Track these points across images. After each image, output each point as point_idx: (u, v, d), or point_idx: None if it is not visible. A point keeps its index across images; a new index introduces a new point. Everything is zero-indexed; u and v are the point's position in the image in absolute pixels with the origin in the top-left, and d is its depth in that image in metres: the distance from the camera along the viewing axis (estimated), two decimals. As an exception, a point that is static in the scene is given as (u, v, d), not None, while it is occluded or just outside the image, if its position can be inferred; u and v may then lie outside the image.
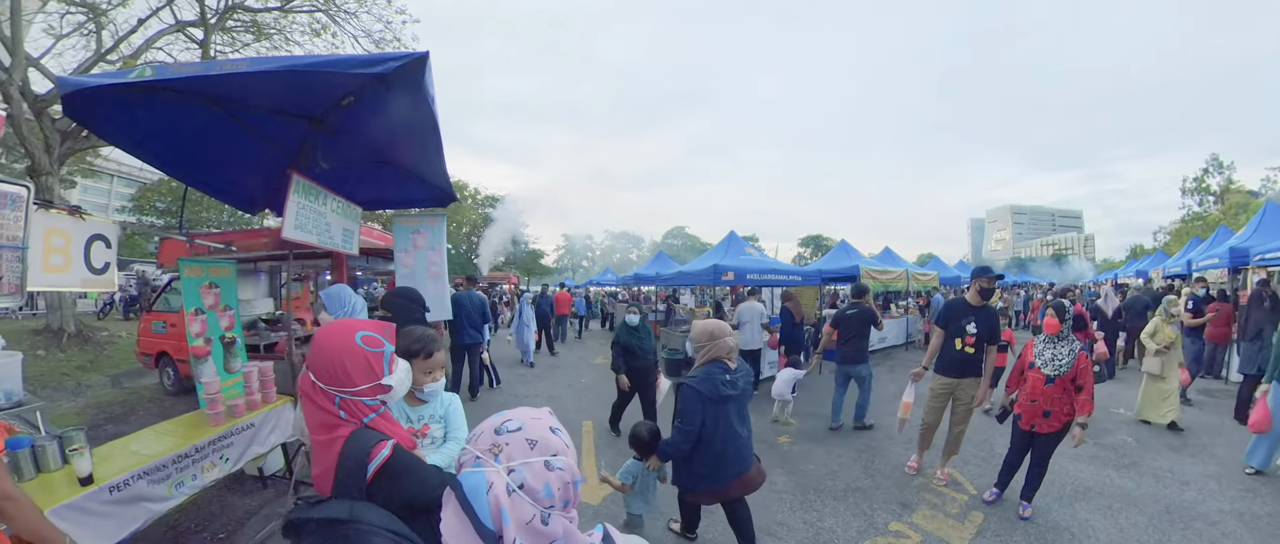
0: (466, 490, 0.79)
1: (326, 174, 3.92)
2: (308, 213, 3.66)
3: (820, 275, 8.35)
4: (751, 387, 2.94)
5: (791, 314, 6.83)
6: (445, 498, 0.82)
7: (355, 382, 1.25)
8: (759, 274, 7.13)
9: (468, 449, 0.87)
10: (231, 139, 3.32)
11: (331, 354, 1.25)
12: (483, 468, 0.81)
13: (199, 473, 3.33)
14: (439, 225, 4.95)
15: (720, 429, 2.63)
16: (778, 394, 5.80)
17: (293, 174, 3.46)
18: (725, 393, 2.63)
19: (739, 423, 2.72)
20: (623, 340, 5.24)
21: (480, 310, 7.30)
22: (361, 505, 1.08)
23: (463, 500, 0.78)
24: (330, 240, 3.96)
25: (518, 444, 0.84)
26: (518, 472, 0.81)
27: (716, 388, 2.62)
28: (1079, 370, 3.47)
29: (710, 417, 2.62)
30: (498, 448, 0.84)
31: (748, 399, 2.86)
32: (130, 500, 2.84)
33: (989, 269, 4.19)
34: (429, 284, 4.82)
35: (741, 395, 2.74)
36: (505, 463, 0.82)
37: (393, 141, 3.64)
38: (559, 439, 0.88)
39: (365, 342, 1.28)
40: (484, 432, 0.88)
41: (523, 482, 0.80)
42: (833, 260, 10.61)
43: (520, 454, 0.83)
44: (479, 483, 0.79)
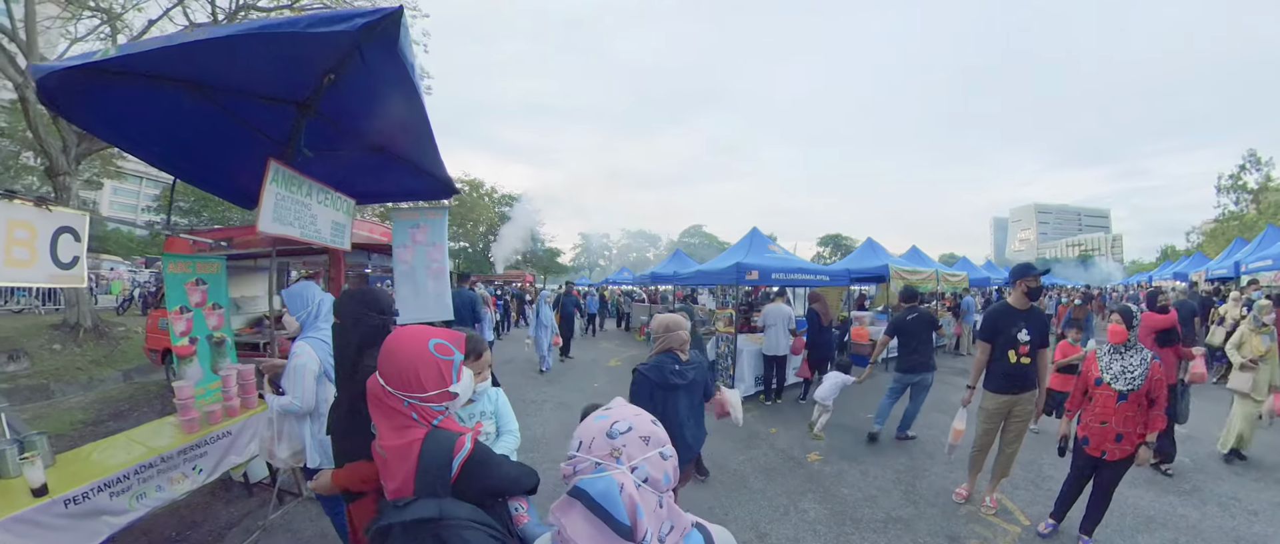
0: (597, 495, 0.82)
1: (316, 164, 3.69)
2: (289, 204, 3.40)
3: (848, 275, 7.83)
4: (705, 380, 3.07)
5: (819, 316, 6.41)
6: (565, 506, 0.84)
7: (426, 388, 1.28)
8: (785, 273, 6.70)
9: (582, 456, 0.89)
10: (219, 129, 3.19)
11: (403, 360, 1.28)
12: (605, 471, 0.85)
13: (166, 485, 3.13)
14: (440, 220, 4.65)
15: (667, 416, 2.70)
16: (821, 398, 5.34)
17: (269, 161, 3.20)
18: (673, 382, 2.79)
19: (688, 413, 2.87)
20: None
21: (469, 309, 7.06)
22: (450, 502, 1.14)
23: (593, 505, 0.81)
24: (316, 234, 3.70)
25: (634, 443, 0.89)
26: (641, 469, 0.87)
27: (665, 376, 2.78)
28: (1153, 383, 3.01)
29: (658, 403, 2.74)
30: (618, 451, 0.88)
31: (698, 391, 3.00)
32: (88, 514, 2.66)
33: (1032, 266, 3.67)
34: (429, 282, 4.52)
35: (690, 386, 2.89)
36: (627, 463, 0.86)
37: (380, 122, 3.38)
38: (662, 430, 0.95)
39: (438, 350, 1.32)
40: (595, 437, 0.90)
41: (647, 476, 0.87)
42: (860, 259, 10.08)
43: (639, 452, 0.88)
44: (609, 487, 0.82)
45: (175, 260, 4.51)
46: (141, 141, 3.40)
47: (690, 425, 2.90)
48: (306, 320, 2.85)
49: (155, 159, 3.64)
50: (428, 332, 1.37)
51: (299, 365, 2.53)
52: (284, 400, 2.62)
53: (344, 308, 2.05)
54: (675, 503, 0.93)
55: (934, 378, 5.38)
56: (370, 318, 2.00)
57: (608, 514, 0.80)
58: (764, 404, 6.72)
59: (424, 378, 1.28)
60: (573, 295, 11.71)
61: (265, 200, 3.19)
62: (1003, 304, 3.77)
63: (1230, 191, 31.36)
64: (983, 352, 3.75)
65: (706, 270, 7.87)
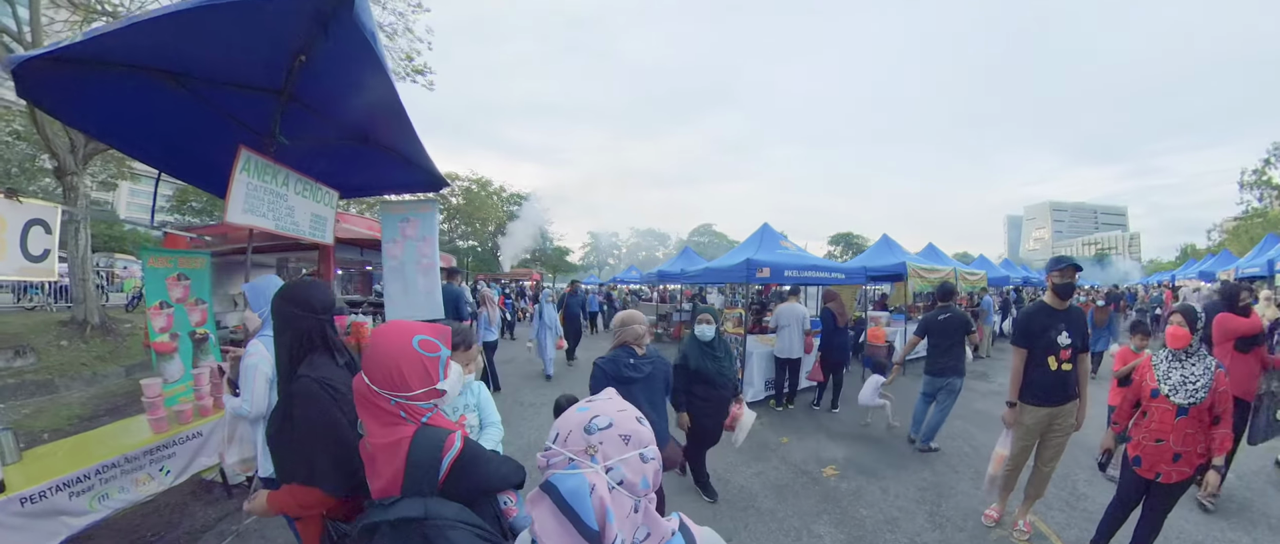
0: (566, 493, 0.78)
1: (299, 156, 3.51)
2: (262, 194, 3.27)
3: (865, 273, 7.44)
4: (663, 375, 3.14)
5: (834, 317, 6.04)
6: (536, 499, 0.81)
7: (411, 387, 1.24)
8: (798, 271, 6.33)
9: (557, 450, 0.85)
10: (200, 121, 3.14)
11: (387, 358, 1.24)
12: (578, 469, 0.81)
13: (130, 486, 3.03)
14: (430, 214, 4.43)
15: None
16: (867, 402, 5.48)
17: (240, 149, 3.05)
18: (627, 375, 2.91)
19: (647, 408, 2.84)
20: (693, 364, 3.70)
21: (453, 306, 6.72)
22: (436, 501, 1.13)
23: (561, 503, 0.78)
24: (293, 226, 3.52)
25: (612, 441, 0.84)
26: (617, 470, 0.82)
27: (619, 369, 2.91)
28: (1218, 396, 2.66)
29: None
30: (593, 448, 0.83)
31: (657, 385, 3.07)
32: (46, 514, 2.58)
33: (1068, 260, 3.29)
34: (418, 278, 4.32)
35: (646, 380, 2.97)
36: (602, 461, 0.82)
37: (355, 104, 3.20)
38: (646, 429, 0.89)
39: (422, 346, 1.28)
40: (572, 430, 0.86)
41: (622, 478, 0.81)
42: (876, 256, 9.71)
43: (616, 451, 0.83)
44: (580, 485, 0.78)
45: (155, 255, 4.35)
46: (125, 135, 3.40)
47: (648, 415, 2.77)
48: (267, 317, 2.63)
49: (140, 153, 3.67)
50: (412, 328, 1.32)
51: (250, 365, 2.32)
52: (234, 403, 2.44)
53: (274, 307, 1.79)
54: (654, 508, 0.87)
55: (963, 383, 5.08)
56: (301, 319, 1.74)
57: (575, 515, 0.76)
58: (775, 410, 6.39)
59: (409, 376, 1.24)
60: (578, 294, 11.11)
61: (235, 190, 3.09)
62: (1039, 304, 3.39)
63: (1254, 187, 30.25)
64: (1019, 359, 3.34)
65: (715, 268, 7.49)
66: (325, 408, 1.59)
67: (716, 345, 3.79)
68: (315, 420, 1.58)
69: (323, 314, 1.79)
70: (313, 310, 1.76)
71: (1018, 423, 3.38)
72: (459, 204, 32.20)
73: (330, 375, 1.66)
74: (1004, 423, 3.43)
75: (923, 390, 5.19)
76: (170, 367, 4.18)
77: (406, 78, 12.35)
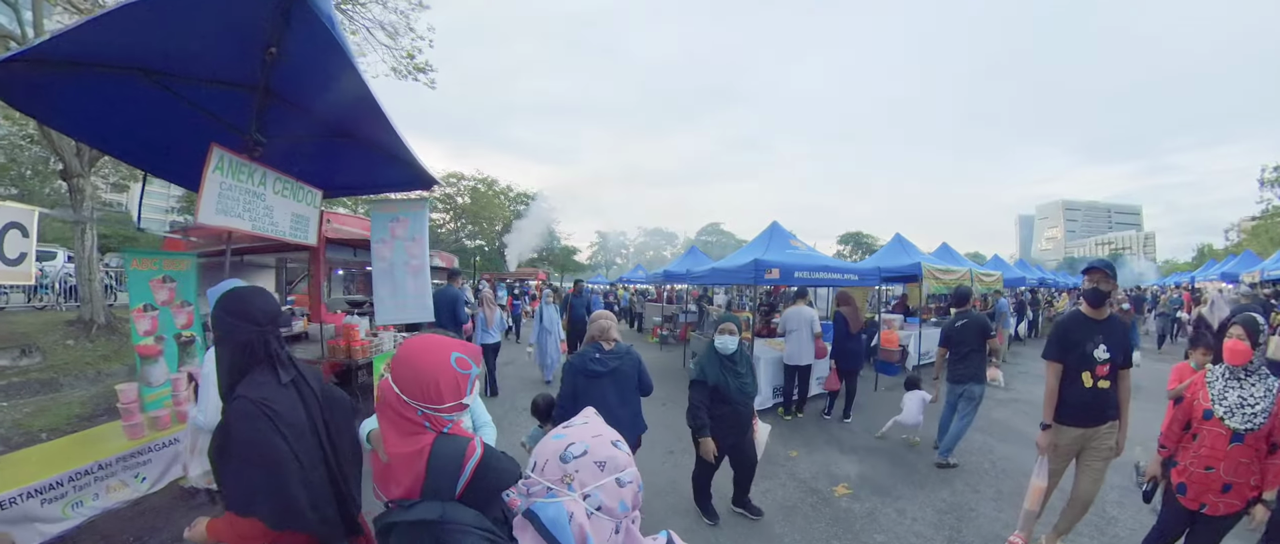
0: (546, 522, 0.80)
1: (280, 153, 3.40)
2: (236, 194, 3.15)
3: (879, 274, 7.13)
4: (633, 367, 3.16)
5: (846, 321, 5.75)
6: (520, 526, 0.84)
7: (443, 400, 1.27)
8: (809, 272, 6.04)
9: (535, 479, 0.88)
10: (179, 119, 3.10)
11: (426, 371, 1.27)
12: (556, 498, 0.82)
13: (103, 492, 2.97)
14: (420, 213, 4.26)
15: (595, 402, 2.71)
16: (910, 421, 5.19)
17: (212, 147, 2.94)
18: (593, 369, 3.00)
19: (617, 401, 3.01)
20: (712, 380, 3.37)
21: (449, 309, 6.60)
22: (452, 506, 1.16)
23: (543, 531, 0.80)
24: (272, 227, 3.37)
25: (588, 469, 0.85)
26: (594, 496, 0.83)
27: (585, 364, 3.01)
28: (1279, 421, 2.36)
29: (582, 389, 2.98)
30: (569, 477, 0.84)
31: (627, 379, 3.11)
32: (17, 520, 2.57)
33: (1100, 262, 3.00)
34: (408, 280, 4.14)
35: (613, 373, 3.03)
36: (579, 490, 0.83)
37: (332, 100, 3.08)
38: (623, 453, 0.90)
39: (458, 364, 1.31)
40: (548, 460, 0.88)
41: (600, 504, 0.83)
42: (889, 257, 9.38)
43: (592, 478, 0.85)
44: (558, 514, 0.80)
45: (138, 256, 4.19)
46: (108, 136, 3.38)
47: (619, 410, 3.00)
48: None
49: (124, 153, 3.68)
50: (449, 343, 1.36)
51: (206, 374, 2.24)
52: (192, 412, 2.28)
53: (214, 317, 1.61)
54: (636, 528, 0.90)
55: (984, 390, 4.86)
56: (240, 330, 1.56)
57: (557, 542, 0.79)
58: (784, 419, 6.07)
59: (444, 389, 1.27)
60: (582, 295, 10.48)
61: (207, 189, 2.96)
62: (1073, 313, 3.08)
63: (1276, 184, 29.46)
64: (1053, 374, 3.02)
65: (722, 268, 7.18)
66: (262, 433, 1.44)
67: (738, 359, 3.48)
68: (251, 446, 1.43)
69: (266, 326, 1.59)
70: (253, 322, 1.57)
71: (1052, 446, 3.06)
72: (465, 204, 32.19)
73: (270, 396, 1.51)
74: (1038, 448, 3.10)
75: (947, 401, 5.00)
76: (155, 370, 4.03)
77: (408, 76, 12.35)
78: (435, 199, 31.38)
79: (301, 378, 1.66)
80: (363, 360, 5.42)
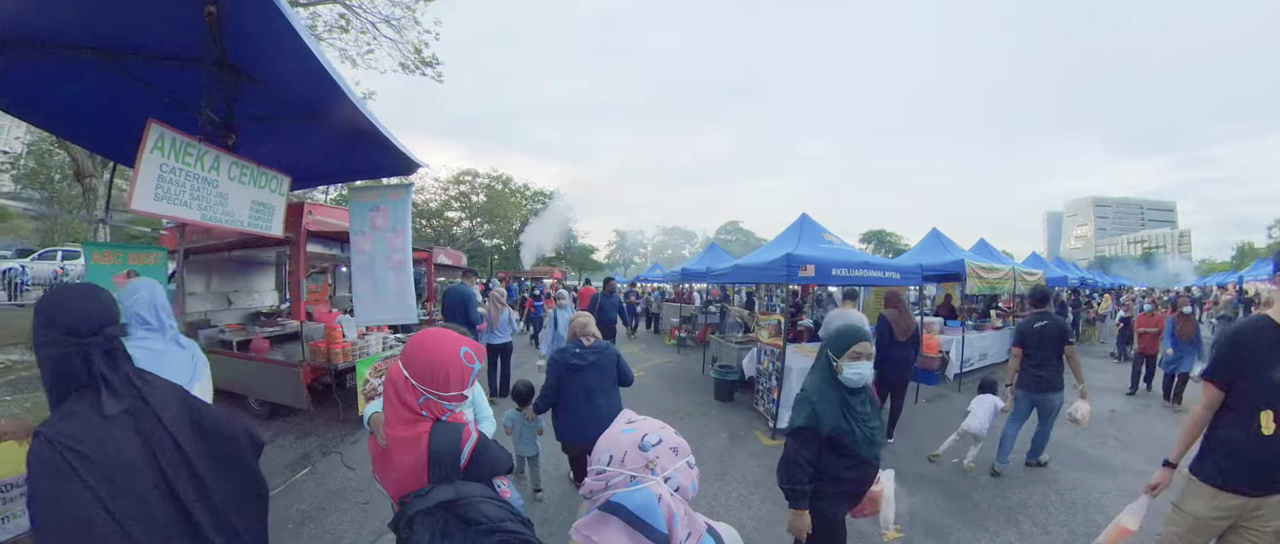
0: (636, 508, 0.85)
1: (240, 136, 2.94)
2: (181, 178, 2.74)
3: (921, 271, 6.41)
4: (611, 362, 3.35)
5: (892, 326, 5.03)
6: (599, 521, 0.88)
7: (449, 388, 1.39)
8: (846, 269, 5.33)
9: (614, 471, 0.92)
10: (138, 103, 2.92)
11: (437, 359, 1.39)
12: (640, 484, 0.89)
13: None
14: (402, 201, 3.76)
15: (577, 392, 3.23)
16: (977, 429, 4.62)
17: (149, 124, 2.56)
18: (573, 363, 3.23)
19: (599, 392, 3.26)
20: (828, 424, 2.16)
21: (460, 307, 6.19)
22: (464, 484, 1.34)
23: (632, 518, 0.85)
24: (227, 217, 2.95)
25: (666, 454, 0.95)
26: (673, 478, 0.93)
27: (567, 359, 3.25)
28: None
29: (564, 381, 3.25)
30: (651, 463, 0.93)
31: (606, 371, 3.31)
32: None
33: None
34: (390, 276, 3.64)
35: (593, 366, 3.25)
36: (661, 473, 0.92)
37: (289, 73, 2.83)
38: (684, 440, 1.02)
39: (466, 357, 1.43)
40: (627, 451, 0.94)
41: (678, 486, 0.93)
42: (926, 253, 8.64)
43: (670, 462, 0.94)
44: (647, 499, 0.86)
45: (99, 250, 3.76)
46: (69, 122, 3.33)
47: (600, 399, 3.26)
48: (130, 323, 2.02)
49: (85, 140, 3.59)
50: (460, 338, 1.47)
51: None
52: None
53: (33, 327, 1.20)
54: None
55: (1063, 398, 4.43)
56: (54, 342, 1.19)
57: (648, 526, 0.84)
58: None
59: (451, 378, 1.39)
60: (614, 296, 8.73)
61: (143, 172, 2.56)
62: (1259, 320, 2.10)
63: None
64: (1209, 401, 2.16)
65: (747, 265, 6.45)
66: (58, 483, 1.11)
67: (866, 396, 2.31)
68: (43, 502, 1.11)
69: (87, 337, 1.20)
70: (69, 331, 1.18)
71: (1184, 510, 2.19)
72: (482, 203, 31.95)
73: (79, 432, 1.15)
74: (1148, 488, 2.35)
75: (1016, 410, 4.55)
76: None
77: (415, 71, 12.33)
78: (451, 198, 31.22)
79: (143, 405, 1.25)
80: (343, 365, 4.97)
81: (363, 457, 4.55)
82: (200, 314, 6.80)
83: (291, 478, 4.27)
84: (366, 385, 5.41)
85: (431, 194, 30.88)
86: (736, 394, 6.73)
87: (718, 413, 6.24)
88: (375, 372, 5.66)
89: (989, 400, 4.71)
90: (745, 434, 5.48)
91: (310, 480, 4.23)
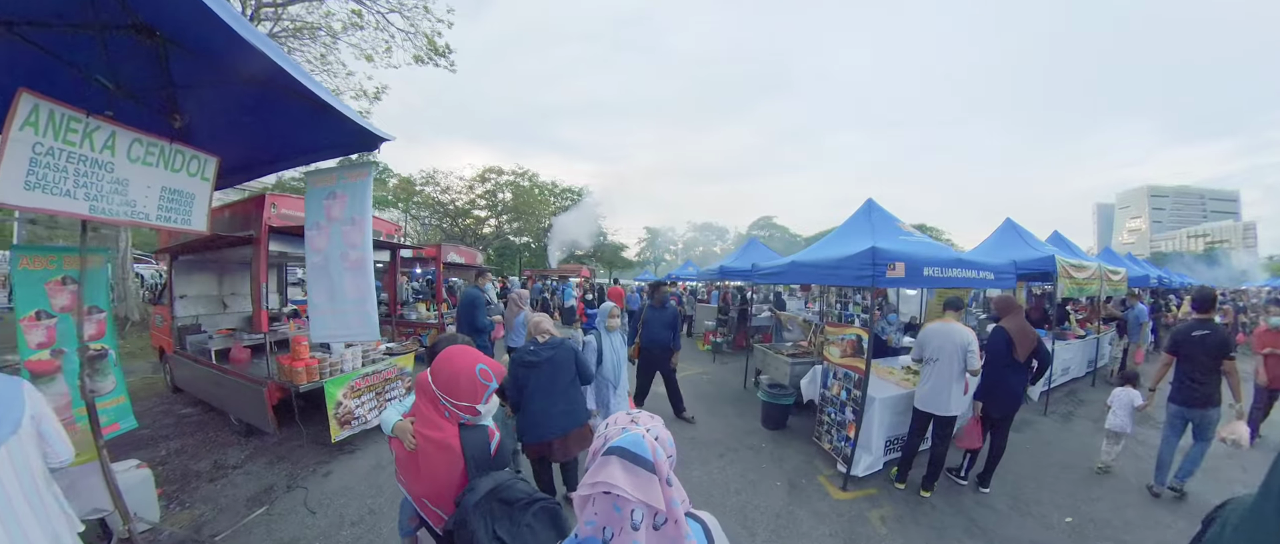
0: (627, 443, 1.11)
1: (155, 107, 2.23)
2: (61, 161, 2.18)
3: (1016, 271, 5.26)
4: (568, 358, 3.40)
5: (1011, 342, 3.97)
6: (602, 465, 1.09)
7: (459, 397, 1.72)
8: (940, 269, 4.12)
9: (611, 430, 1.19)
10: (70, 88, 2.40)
11: (454, 369, 1.72)
12: (628, 432, 1.15)
13: None
14: (362, 184, 2.97)
15: (534, 391, 3.29)
16: (1118, 427, 4.66)
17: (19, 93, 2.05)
18: (527, 360, 3.31)
19: (555, 388, 3.33)
20: None
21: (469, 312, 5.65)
22: (499, 473, 1.69)
23: (626, 454, 1.09)
24: (126, 209, 2.36)
25: (644, 416, 1.23)
26: (653, 429, 1.19)
27: (522, 356, 3.34)
28: None
29: (523, 378, 3.30)
30: (635, 418, 1.22)
31: (561, 368, 3.36)
32: None
33: None
34: (346, 280, 2.87)
35: (548, 362, 3.32)
36: (644, 425, 1.19)
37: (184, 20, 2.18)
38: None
39: (481, 375, 1.74)
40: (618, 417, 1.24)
41: (658, 435, 1.18)
42: (1002, 249, 7.45)
43: (648, 420, 1.22)
44: (637, 438, 1.12)
45: (29, 254, 3.11)
46: None
47: (558, 395, 3.33)
48: None
49: None
50: (478, 357, 1.79)
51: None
52: None
53: None
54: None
55: (1220, 415, 4.06)
56: None
57: (638, 456, 1.08)
58: (896, 489, 4.23)
59: (462, 389, 1.71)
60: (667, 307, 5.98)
61: (9, 155, 2.02)
62: None
63: None
64: None
65: (811, 262, 5.00)
66: None
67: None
68: None
69: None
70: None
71: None
72: (508, 200, 31.50)
73: None
74: None
75: (1169, 425, 4.31)
76: (53, 389, 3.10)
77: (429, 61, 11.95)
78: (477, 196, 30.84)
79: None
80: (307, 386, 4.26)
81: (328, 497, 3.88)
82: (191, 319, 6.23)
83: (243, 519, 3.58)
84: (339, 408, 4.49)
85: (457, 193, 30.59)
86: (791, 415, 5.70)
87: (769, 448, 5.13)
88: (351, 392, 4.67)
89: (1127, 396, 4.68)
90: (807, 482, 4.39)
91: (263, 524, 3.53)
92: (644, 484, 1.05)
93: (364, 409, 4.74)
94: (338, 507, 3.74)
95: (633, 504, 1.04)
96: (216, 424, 5.42)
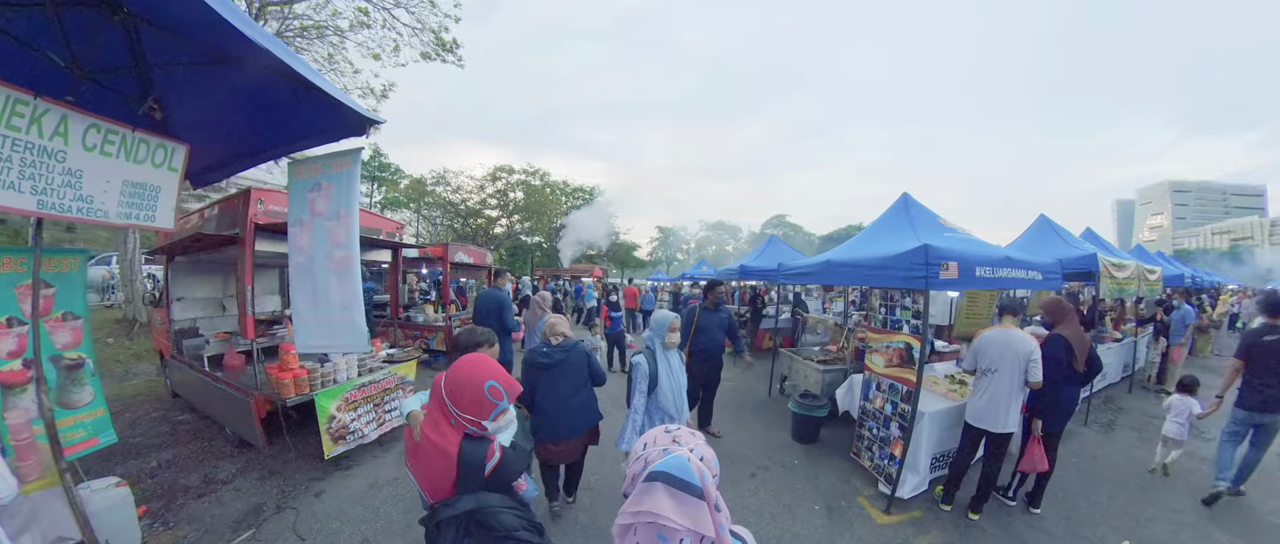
0: (672, 468, 1.03)
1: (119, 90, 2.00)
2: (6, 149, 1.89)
3: (1061, 270, 4.80)
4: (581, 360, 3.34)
5: (1070, 349, 3.63)
6: (648, 489, 1.02)
7: (463, 410, 1.62)
8: (991, 269, 3.73)
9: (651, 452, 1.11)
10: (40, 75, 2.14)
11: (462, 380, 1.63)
12: (671, 453, 1.07)
13: None
14: (348, 174, 2.68)
15: (547, 392, 3.24)
16: (1177, 435, 4.65)
17: None
18: (540, 361, 3.24)
19: (569, 390, 3.26)
20: None
21: (496, 314, 5.36)
22: (484, 494, 1.59)
23: (672, 479, 1.02)
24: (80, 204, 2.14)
25: (685, 434, 1.15)
26: (697, 449, 1.11)
27: (535, 358, 3.28)
28: None
29: (536, 380, 3.24)
30: (678, 439, 1.13)
31: (574, 370, 3.30)
32: None
33: None
34: (331, 283, 2.59)
35: (560, 365, 3.25)
36: (686, 445, 1.11)
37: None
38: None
39: (490, 392, 1.63)
40: (655, 437, 1.15)
41: (702, 455, 1.10)
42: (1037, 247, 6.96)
43: (690, 439, 1.14)
44: (681, 460, 1.04)
45: (-1, 256, 2.86)
46: None
47: (571, 398, 3.26)
48: None
49: None
50: (495, 371, 1.67)
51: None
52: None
53: None
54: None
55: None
56: None
57: (685, 482, 1.01)
58: (942, 511, 3.86)
59: (468, 402, 1.61)
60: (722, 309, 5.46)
61: None
62: None
63: None
64: None
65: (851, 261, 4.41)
66: None
67: None
68: None
69: None
70: None
71: None
72: (519, 199, 31.32)
73: None
74: None
75: (1229, 428, 4.21)
76: (24, 401, 2.83)
77: (437, 57, 11.75)
78: (488, 196, 30.67)
79: None
80: (296, 398, 3.98)
81: (319, 521, 3.60)
82: (189, 322, 5.99)
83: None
84: (331, 423, 4.16)
85: (469, 193, 30.45)
86: (821, 428, 5.30)
87: (803, 465, 4.75)
88: (346, 404, 4.30)
89: (1185, 404, 4.67)
90: (847, 505, 4.01)
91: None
92: (692, 511, 1.00)
93: (360, 423, 4.44)
94: (329, 533, 3.46)
95: (681, 533, 0.98)
96: (211, 433, 5.18)
